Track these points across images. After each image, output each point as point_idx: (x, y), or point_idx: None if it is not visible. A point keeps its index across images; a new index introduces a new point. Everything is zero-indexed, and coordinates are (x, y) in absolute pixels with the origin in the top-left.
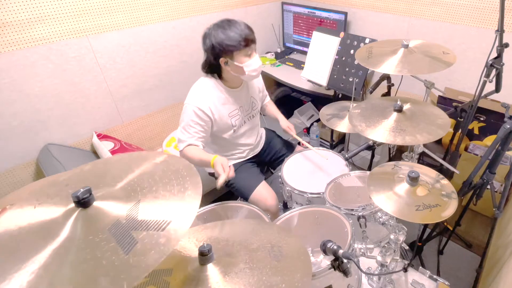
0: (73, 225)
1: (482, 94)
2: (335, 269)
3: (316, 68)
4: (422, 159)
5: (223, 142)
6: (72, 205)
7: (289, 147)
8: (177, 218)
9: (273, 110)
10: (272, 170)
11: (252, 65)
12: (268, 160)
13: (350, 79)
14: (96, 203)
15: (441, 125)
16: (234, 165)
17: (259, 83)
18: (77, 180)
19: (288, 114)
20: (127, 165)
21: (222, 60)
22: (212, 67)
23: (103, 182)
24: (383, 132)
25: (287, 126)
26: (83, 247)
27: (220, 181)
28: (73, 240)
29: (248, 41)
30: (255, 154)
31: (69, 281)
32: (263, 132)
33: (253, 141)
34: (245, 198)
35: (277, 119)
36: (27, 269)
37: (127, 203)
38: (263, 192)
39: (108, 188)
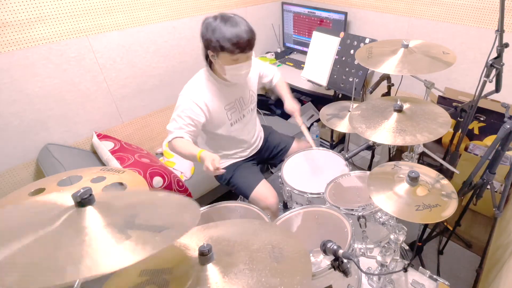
0: (69, 218)
1: (482, 94)
2: (335, 269)
3: (316, 68)
4: (422, 159)
5: (223, 140)
6: (71, 204)
7: (287, 141)
8: (175, 226)
9: (282, 89)
10: (272, 170)
11: (235, 70)
12: (267, 156)
13: (350, 79)
14: (94, 206)
15: (442, 123)
16: (234, 164)
17: (256, 71)
18: None
19: (288, 114)
20: (127, 196)
21: (209, 53)
22: (205, 56)
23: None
24: (383, 133)
25: (291, 108)
26: (74, 235)
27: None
28: (65, 227)
29: (239, 48)
30: (256, 151)
31: (50, 256)
32: (261, 129)
33: (252, 137)
34: (246, 197)
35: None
36: (12, 246)
37: (126, 210)
38: (263, 190)
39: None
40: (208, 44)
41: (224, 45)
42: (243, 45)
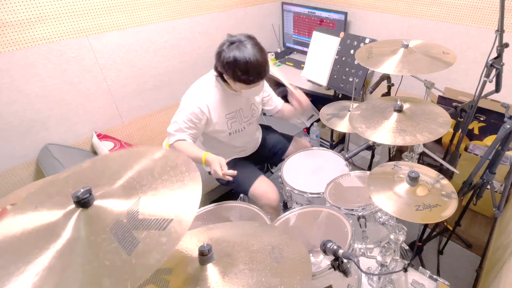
0: (75, 226)
1: (482, 94)
2: (335, 269)
3: (316, 68)
4: (422, 159)
5: (219, 145)
6: (73, 205)
7: (285, 141)
8: (178, 216)
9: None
10: (272, 170)
11: (251, 92)
12: (265, 156)
13: (350, 79)
14: (96, 203)
15: (442, 123)
16: (231, 161)
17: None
18: (76, 178)
19: None
20: (126, 162)
21: (226, 76)
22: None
23: (102, 180)
24: (383, 133)
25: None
26: (86, 248)
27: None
28: (75, 241)
29: (254, 82)
30: (252, 152)
31: (74, 282)
32: (260, 132)
33: (248, 145)
34: (245, 193)
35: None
36: (31, 270)
37: (127, 202)
38: (262, 185)
39: (107, 187)
40: (226, 70)
41: (242, 79)
42: (259, 78)
